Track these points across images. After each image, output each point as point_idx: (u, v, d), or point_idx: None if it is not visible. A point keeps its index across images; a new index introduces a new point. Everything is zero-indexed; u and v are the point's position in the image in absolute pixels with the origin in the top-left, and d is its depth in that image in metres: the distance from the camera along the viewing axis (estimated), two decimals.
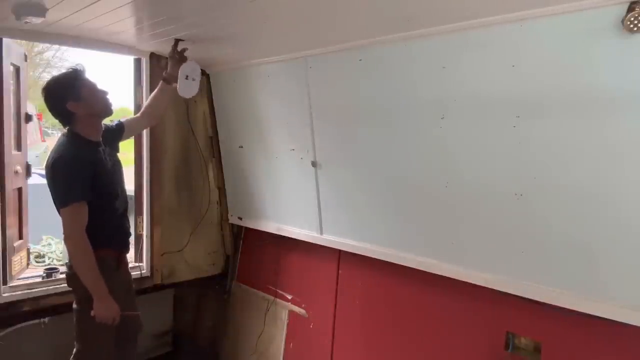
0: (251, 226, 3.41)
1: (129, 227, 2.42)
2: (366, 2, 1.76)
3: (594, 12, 1.52)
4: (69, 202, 2.06)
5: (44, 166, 2.31)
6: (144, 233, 3.19)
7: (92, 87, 2.19)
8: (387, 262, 2.47)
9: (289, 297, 3.15)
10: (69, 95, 2.11)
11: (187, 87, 2.68)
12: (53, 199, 2.15)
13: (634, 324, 1.67)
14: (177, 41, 2.50)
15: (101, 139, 2.29)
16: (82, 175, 2.08)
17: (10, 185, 2.67)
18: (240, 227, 3.60)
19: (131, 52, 2.99)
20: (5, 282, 2.63)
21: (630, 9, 1.43)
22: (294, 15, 2.00)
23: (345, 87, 2.43)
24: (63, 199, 2.07)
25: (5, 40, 2.53)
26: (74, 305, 2.22)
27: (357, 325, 2.75)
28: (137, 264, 3.21)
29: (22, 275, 2.84)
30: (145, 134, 3.12)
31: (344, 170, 2.58)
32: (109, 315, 2.12)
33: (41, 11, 2.05)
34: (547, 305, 1.91)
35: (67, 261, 2.26)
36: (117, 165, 2.35)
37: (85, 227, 2.10)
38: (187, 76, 2.66)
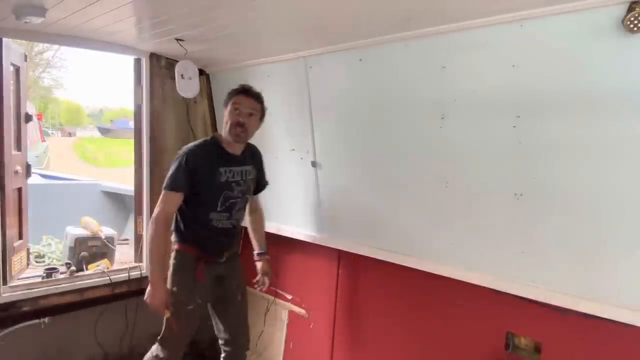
0: None
1: (222, 243, 2.41)
2: (366, 2, 1.76)
3: (594, 12, 1.52)
4: (165, 188, 2.25)
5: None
6: (144, 233, 3.19)
7: (234, 109, 2.27)
8: (387, 262, 2.46)
9: (289, 297, 3.15)
10: (224, 102, 2.34)
11: (185, 86, 2.70)
12: None
13: (634, 324, 1.67)
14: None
15: (244, 157, 2.40)
16: (184, 168, 2.23)
17: (10, 185, 2.68)
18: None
19: (131, 52, 2.99)
20: (5, 282, 2.64)
21: (630, 9, 1.43)
22: (293, 15, 2.00)
23: (345, 87, 2.43)
24: (165, 183, 2.27)
25: (5, 40, 2.53)
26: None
27: (357, 325, 2.75)
28: (137, 264, 3.21)
29: (22, 275, 2.85)
30: (145, 133, 3.12)
31: (344, 170, 2.58)
32: (152, 302, 2.20)
33: (41, 11, 2.05)
34: (547, 305, 1.91)
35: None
36: (235, 185, 2.35)
37: (181, 215, 2.32)
38: (182, 75, 2.68)
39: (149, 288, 2.23)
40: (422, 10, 1.78)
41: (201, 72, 3.31)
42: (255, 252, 2.67)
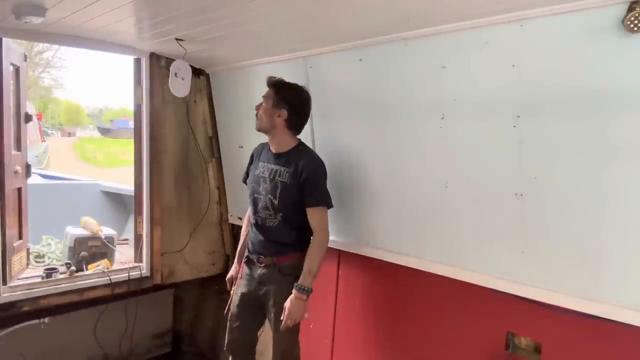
0: None
1: (254, 240, 2.42)
2: (366, 2, 1.76)
3: (594, 12, 1.52)
4: None
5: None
6: (144, 233, 3.19)
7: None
8: (387, 262, 2.47)
9: None
10: None
11: (177, 85, 2.71)
12: None
13: (634, 324, 1.67)
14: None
15: (283, 158, 2.31)
16: (248, 161, 2.58)
17: (10, 185, 2.67)
18: (240, 227, 3.59)
19: (131, 52, 2.99)
20: (5, 282, 2.63)
21: (630, 9, 1.43)
22: (293, 15, 2.00)
23: (345, 87, 2.43)
24: None
25: (5, 40, 2.53)
26: None
27: (357, 325, 2.75)
28: (137, 264, 3.21)
29: (22, 276, 2.84)
30: (145, 133, 3.12)
31: (344, 170, 2.57)
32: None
33: (41, 11, 2.05)
34: (547, 305, 1.91)
35: None
36: (261, 181, 2.36)
37: None
38: (175, 74, 2.69)
39: None
40: (422, 10, 1.78)
41: (201, 72, 3.32)
42: None
